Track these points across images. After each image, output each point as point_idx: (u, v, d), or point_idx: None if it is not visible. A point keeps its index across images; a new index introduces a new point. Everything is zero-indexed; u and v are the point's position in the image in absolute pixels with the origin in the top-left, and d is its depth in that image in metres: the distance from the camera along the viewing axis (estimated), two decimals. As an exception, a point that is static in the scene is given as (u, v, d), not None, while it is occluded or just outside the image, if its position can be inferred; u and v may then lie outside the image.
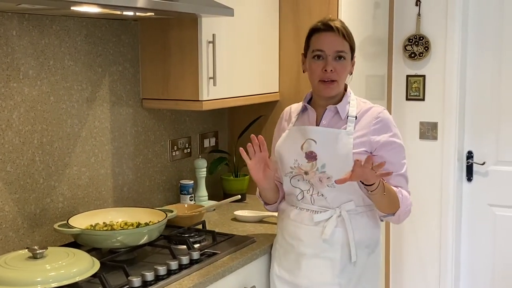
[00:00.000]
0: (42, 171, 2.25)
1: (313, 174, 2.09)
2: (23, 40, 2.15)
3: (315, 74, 2.09)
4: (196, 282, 1.95)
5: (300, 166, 2.11)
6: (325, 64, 2.06)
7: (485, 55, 3.30)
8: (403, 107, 3.44)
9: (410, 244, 3.52)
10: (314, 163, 2.08)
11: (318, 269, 2.12)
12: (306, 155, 2.10)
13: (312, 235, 2.12)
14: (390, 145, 2.08)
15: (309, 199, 2.14)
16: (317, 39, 2.09)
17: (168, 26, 2.54)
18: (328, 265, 2.11)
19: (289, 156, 2.14)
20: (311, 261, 2.13)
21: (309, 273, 2.13)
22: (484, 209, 3.40)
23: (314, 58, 2.09)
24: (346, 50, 2.08)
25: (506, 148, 3.31)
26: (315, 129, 2.11)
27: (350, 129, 2.08)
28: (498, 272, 3.38)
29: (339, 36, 2.06)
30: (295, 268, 2.16)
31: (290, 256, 2.18)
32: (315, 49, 2.09)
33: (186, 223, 2.47)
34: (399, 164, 2.09)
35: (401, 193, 2.06)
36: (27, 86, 2.18)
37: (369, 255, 2.17)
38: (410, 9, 3.37)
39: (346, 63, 2.09)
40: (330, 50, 2.06)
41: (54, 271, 1.76)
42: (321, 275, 2.12)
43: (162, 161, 2.82)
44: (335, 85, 2.09)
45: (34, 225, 2.23)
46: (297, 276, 2.16)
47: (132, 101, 2.63)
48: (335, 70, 2.06)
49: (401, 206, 2.05)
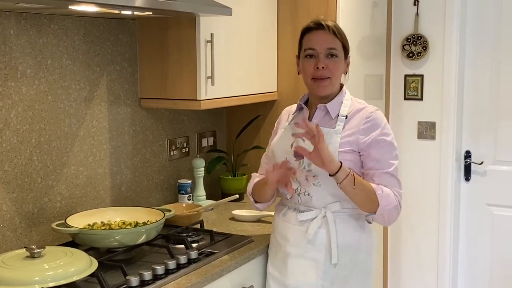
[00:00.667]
0: (40, 170, 2.25)
1: (300, 172, 2.10)
2: (21, 39, 2.15)
3: (307, 73, 2.10)
4: (194, 282, 1.95)
5: (290, 164, 2.11)
6: (317, 62, 2.06)
7: (483, 54, 3.30)
8: (401, 107, 3.44)
9: (408, 244, 3.52)
10: (301, 161, 2.09)
11: (302, 269, 2.12)
12: (294, 153, 2.11)
13: (297, 234, 2.12)
14: (378, 143, 2.05)
15: (296, 198, 2.14)
16: (308, 38, 2.10)
17: (166, 25, 2.54)
18: (312, 265, 2.11)
19: (280, 154, 2.16)
20: (296, 261, 2.13)
21: (294, 273, 2.14)
22: (482, 208, 3.40)
23: (307, 57, 2.09)
24: (337, 48, 2.08)
25: (504, 148, 3.31)
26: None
27: (339, 128, 2.08)
28: (496, 272, 3.39)
29: (329, 34, 2.06)
30: (283, 268, 2.18)
31: (279, 255, 2.20)
32: (306, 48, 2.09)
33: (184, 223, 2.47)
34: (386, 162, 2.05)
35: (381, 189, 2.01)
36: (25, 85, 2.18)
37: (355, 258, 2.13)
38: (408, 8, 3.36)
39: (339, 60, 2.09)
40: (321, 47, 2.06)
41: (52, 271, 1.76)
42: (305, 275, 2.12)
43: (160, 160, 2.82)
44: (328, 82, 2.08)
45: (32, 224, 2.23)
46: (285, 275, 2.17)
47: (130, 100, 2.63)
48: (327, 67, 2.06)
49: (381, 203, 2.00)
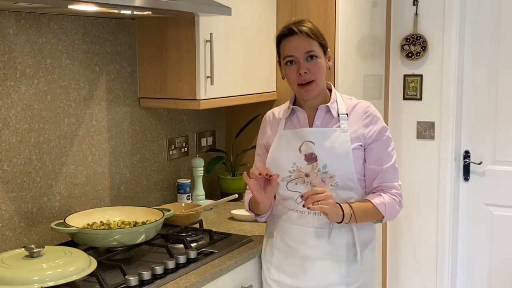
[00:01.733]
0: (39, 170, 2.25)
1: (315, 175, 2.08)
2: (20, 38, 2.15)
3: (291, 80, 2.10)
4: (193, 281, 1.95)
5: (300, 169, 2.10)
6: (298, 68, 2.07)
7: (482, 54, 3.30)
8: (401, 107, 3.45)
9: (407, 243, 3.52)
10: (314, 165, 2.08)
11: (324, 271, 2.12)
12: (306, 157, 2.09)
13: (318, 237, 2.11)
14: (380, 137, 2.12)
15: None
16: (284, 45, 2.10)
17: (165, 25, 2.54)
18: (335, 266, 2.11)
19: (286, 160, 2.12)
20: (317, 263, 2.12)
21: (315, 276, 2.12)
22: (481, 208, 3.40)
23: (287, 64, 2.09)
24: (315, 49, 2.07)
25: (503, 148, 3.32)
26: (311, 131, 2.11)
27: (345, 127, 2.10)
28: (495, 272, 3.39)
29: (304, 37, 2.06)
30: (299, 272, 2.14)
31: (293, 261, 2.16)
32: (285, 55, 2.09)
33: (183, 222, 2.47)
34: (389, 155, 2.13)
35: (384, 204, 2.09)
36: (24, 85, 2.18)
37: (370, 252, 2.19)
38: (407, 8, 3.37)
39: (320, 60, 2.08)
40: (299, 53, 2.06)
41: (51, 270, 1.76)
42: (328, 276, 2.12)
43: (159, 160, 2.82)
44: (313, 85, 2.08)
45: (31, 224, 2.23)
46: (301, 279, 2.14)
47: (129, 100, 2.63)
48: (309, 71, 2.06)
49: (385, 216, 2.12)
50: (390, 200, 2.11)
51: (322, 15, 2.80)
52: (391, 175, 2.13)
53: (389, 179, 2.13)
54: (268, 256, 2.24)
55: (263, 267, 2.26)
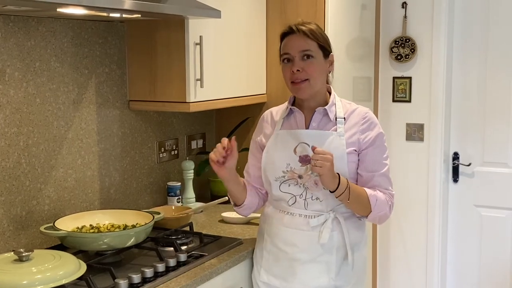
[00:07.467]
0: (28, 173, 2.24)
1: (308, 177, 2.09)
2: (8, 41, 2.14)
3: (286, 77, 2.12)
4: (183, 284, 1.95)
5: (294, 170, 2.10)
6: (292, 66, 2.08)
7: (470, 57, 3.32)
8: (390, 109, 3.46)
9: (397, 244, 3.53)
10: (308, 167, 2.08)
11: (314, 274, 2.12)
12: (300, 159, 2.10)
13: (309, 240, 2.11)
14: (375, 143, 2.12)
15: (303, 203, 2.12)
16: (283, 44, 2.13)
17: (155, 27, 2.54)
18: (324, 268, 2.11)
19: (281, 161, 2.13)
20: (307, 266, 2.12)
21: (304, 278, 2.12)
22: (470, 210, 3.42)
23: (284, 61, 2.12)
24: (311, 49, 2.08)
25: (492, 149, 3.34)
26: (307, 132, 2.12)
27: (341, 131, 2.10)
28: (484, 272, 3.41)
29: (301, 36, 2.08)
30: (289, 275, 2.14)
31: (283, 263, 2.16)
32: (282, 53, 2.12)
33: (174, 225, 2.47)
34: (380, 164, 2.13)
35: (375, 197, 2.09)
36: (12, 88, 2.17)
37: (360, 254, 2.19)
38: (396, 11, 3.38)
39: (316, 61, 2.09)
40: (295, 51, 2.08)
41: (40, 274, 1.76)
42: (318, 279, 2.12)
43: (149, 162, 2.81)
44: (306, 84, 2.09)
45: (20, 227, 2.22)
46: (291, 282, 2.14)
47: (119, 102, 2.62)
48: (303, 70, 2.07)
49: (373, 210, 2.09)
50: (383, 198, 2.10)
51: (311, 17, 2.80)
52: (384, 183, 2.13)
53: (382, 185, 2.13)
54: (259, 258, 2.24)
55: (254, 269, 2.27)
